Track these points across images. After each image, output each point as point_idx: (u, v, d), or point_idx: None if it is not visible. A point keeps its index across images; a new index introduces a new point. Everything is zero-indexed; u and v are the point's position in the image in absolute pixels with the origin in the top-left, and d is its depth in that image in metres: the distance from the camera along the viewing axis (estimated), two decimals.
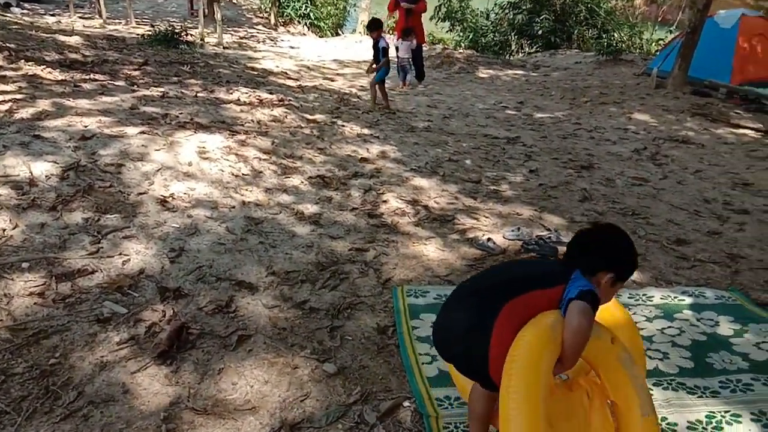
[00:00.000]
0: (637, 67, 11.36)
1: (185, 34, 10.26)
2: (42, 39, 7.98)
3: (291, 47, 13.85)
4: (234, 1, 19.94)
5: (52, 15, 13.15)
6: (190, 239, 3.20)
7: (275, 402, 2.09)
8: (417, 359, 2.38)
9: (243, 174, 4.19)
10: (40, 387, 2.03)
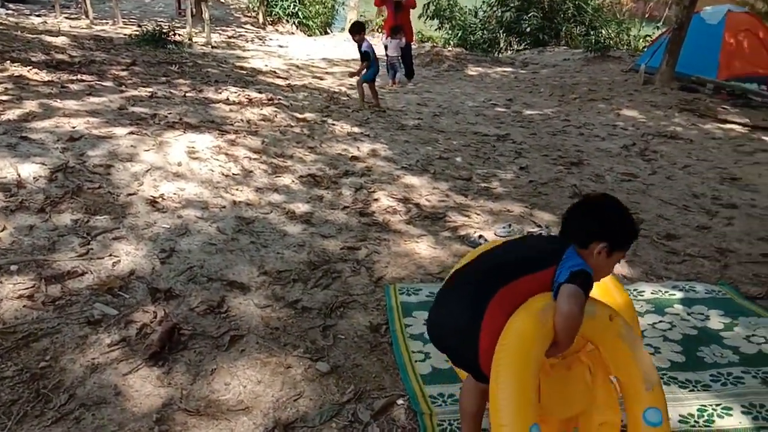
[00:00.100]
0: (625, 64, 11.42)
1: (173, 33, 10.20)
2: (28, 40, 7.91)
3: (280, 46, 13.81)
4: (222, 1, 19.83)
5: (37, 15, 13.04)
6: (180, 240, 3.18)
7: (268, 402, 2.08)
8: (410, 357, 2.38)
9: (233, 174, 4.17)
10: (30, 390, 2.01)
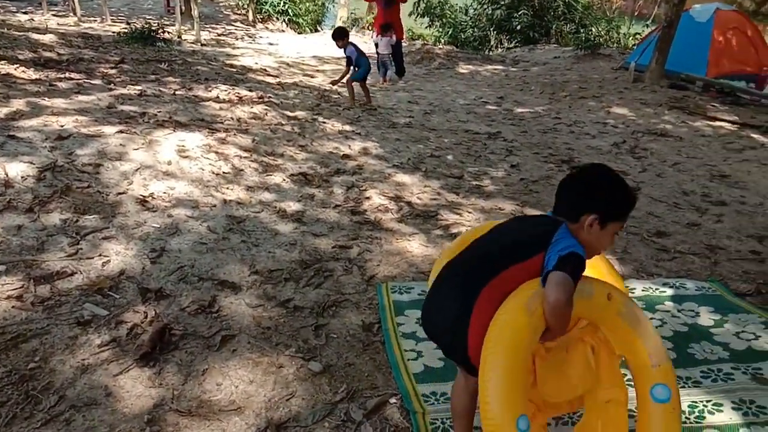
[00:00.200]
0: (615, 62, 11.46)
1: (162, 31, 10.13)
2: (14, 37, 7.83)
3: (270, 44, 13.76)
4: None
5: (24, 13, 12.90)
6: (171, 239, 3.16)
7: (261, 402, 2.07)
8: (402, 356, 2.38)
9: (224, 172, 4.15)
10: (19, 392, 1.99)
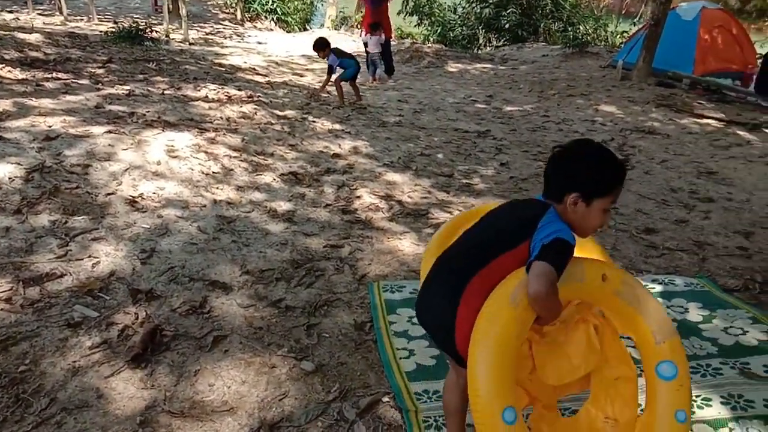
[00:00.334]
0: (603, 60, 11.53)
1: (150, 30, 10.07)
2: (0, 36, 7.75)
3: (258, 43, 13.70)
4: None
5: (9, 11, 12.76)
6: (161, 240, 3.15)
7: (253, 402, 2.07)
8: (395, 354, 2.38)
9: (213, 172, 4.14)
10: (9, 395, 1.98)
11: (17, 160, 3.64)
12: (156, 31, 10.68)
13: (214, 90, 6.55)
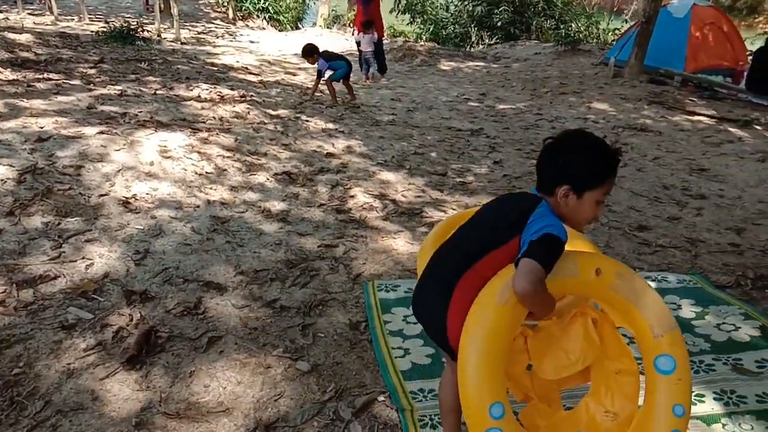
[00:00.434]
0: (595, 57, 11.57)
1: (141, 30, 10.05)
2: None
3: (251, 42, 13.68)
4: None
5: None
6: (154, 240, 3.14)
7: (249, 402, 2.07)
8: (390, 353, 2.39)
9: (207, 172, 4.13)
10: (4, 398, 1.97)
11: (9, 161, 3.62)
12: (148, 31, 10.65)
13: (206, 90, 6.54)
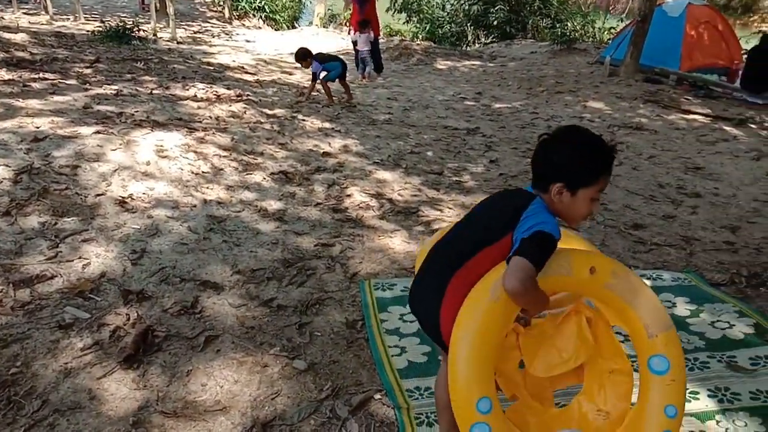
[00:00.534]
0: (591, 56, 11.59)
1: (137, 29, 10.02)
2: None
3: (247, 41, 13.67)
4: None
5: None
6: (151, 240, 3.14)
7: (246, 401, 2.08)
8: (386, 352, 2.40)
9: (203, 172, 4.13)
10: (1, 398, 1.98)
11: (5, 161, 3.62)
12: (143, 30, 10.62)
13: (202, 89, 6.53)
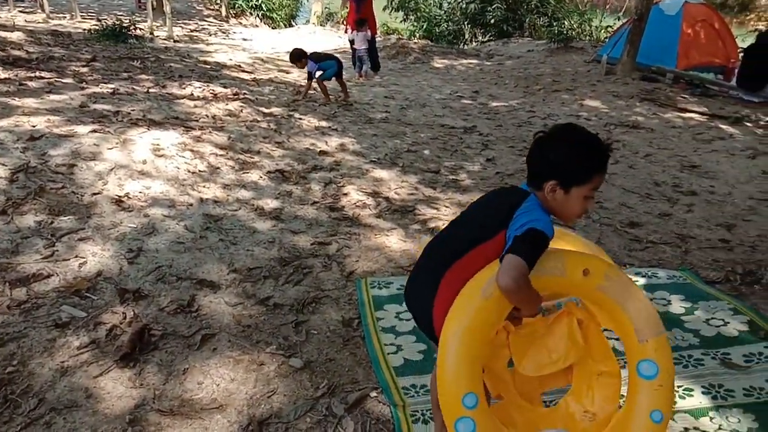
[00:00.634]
0: (588, 55, 11.61)
1: (134, 28, 10.01)
2: None
3: (244, 39, 13.65)
4: None
5: None
6: (148, 239, 3.15)
7: (242, 399, 2.09)
8: (382, 350, 2.41)
9: (200, 171, 4.14)
10: None
11: (1, 160, 3.62)
12: (140, 29, 10.62)
13: (199, 88, 6.53)
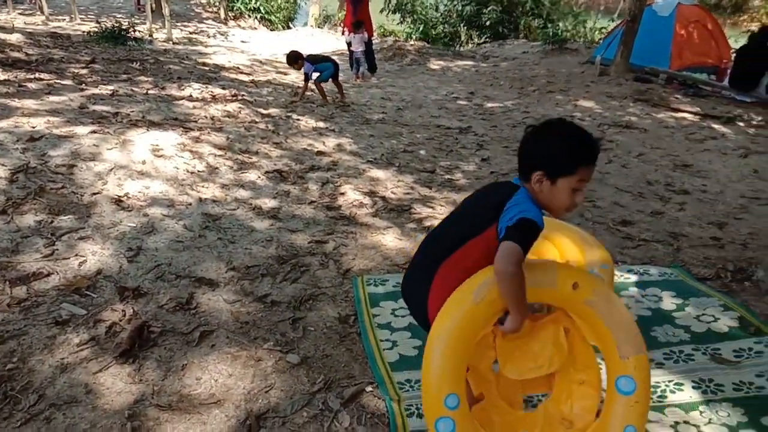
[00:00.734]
0: (582, 56, 11.66)
1: (133, 30, 10.05)
2: None
3: (242, 41, 13.68)
4: None
5: None
6: (147, 238, 3.18)
7: (240, 394, 2.12)
8: (378, 345, 2.45)
9: (198, 171, 4.17)
10: None
11: (1, 161, 3.65)
12: (139, 31, 10.65)
13: (198, 89, 6.57)
